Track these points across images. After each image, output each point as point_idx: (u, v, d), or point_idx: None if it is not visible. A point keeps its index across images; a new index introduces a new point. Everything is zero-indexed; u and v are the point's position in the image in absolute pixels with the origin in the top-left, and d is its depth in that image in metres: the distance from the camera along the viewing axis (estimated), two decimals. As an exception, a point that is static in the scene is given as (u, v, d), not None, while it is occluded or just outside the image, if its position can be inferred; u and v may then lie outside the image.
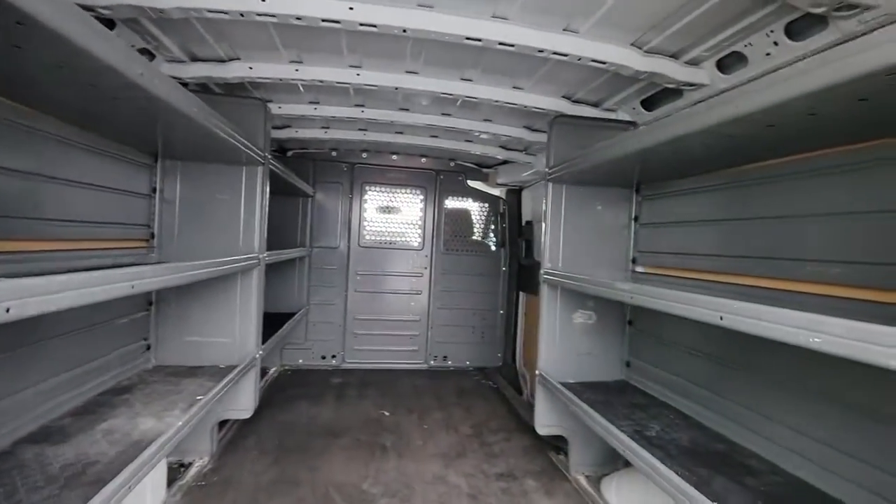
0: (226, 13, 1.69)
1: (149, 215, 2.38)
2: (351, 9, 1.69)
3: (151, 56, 2.13)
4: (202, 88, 2.49)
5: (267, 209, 2.62)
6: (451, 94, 2.47)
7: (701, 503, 1.33)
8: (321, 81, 2.39)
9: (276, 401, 3.42)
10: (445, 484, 2.40)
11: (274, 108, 2.86)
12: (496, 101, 2.52)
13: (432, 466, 2.57)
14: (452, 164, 4.56)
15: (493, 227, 4.69)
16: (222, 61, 2.29)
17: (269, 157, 2.60)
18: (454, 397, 3.74)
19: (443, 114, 3.05)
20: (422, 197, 4.57)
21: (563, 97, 2.55)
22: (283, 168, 3.05)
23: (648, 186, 2.54)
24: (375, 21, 1.73)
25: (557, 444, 2.77)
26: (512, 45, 1.84)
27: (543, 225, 2.58)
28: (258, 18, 1.72)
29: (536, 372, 2.56)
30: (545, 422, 2.56)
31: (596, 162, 2.11)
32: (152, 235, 2.40)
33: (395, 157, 4.45)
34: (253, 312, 2.53)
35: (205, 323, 2.47)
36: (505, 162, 4.35)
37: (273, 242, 2.93)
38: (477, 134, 3.52)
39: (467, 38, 1.81)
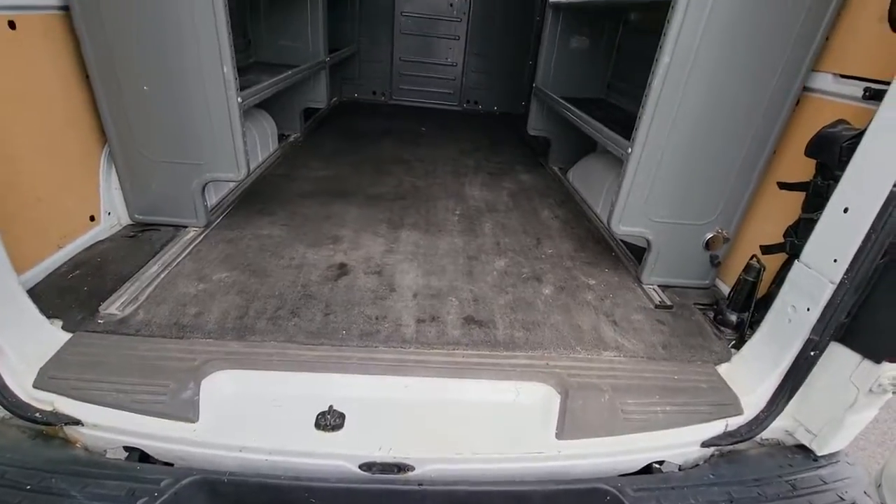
0: None
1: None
2: None
3: None
4: None
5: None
6: None
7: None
8: None
9: (340, 115, 4.48)
10: (459, 162, 3.48)
11: None
12: None
13: (451, 153, 3.64)
14: None
15: (534, -28, 4.77)
16: None
17: None
18: (479, 126, 4.65)
19: None
20: (464, -67, 4.60)
21: None
22: None
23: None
24: None
25: (545, 155, 3.73)
26: None
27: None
28: None
29: (533, 85, 3.31)
30: (535, 126, 3.45)
31: None
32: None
33: None
34: (320, 27, 3.27)
35: (286, 30, 3.27)
36: None
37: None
38: None
39: None
